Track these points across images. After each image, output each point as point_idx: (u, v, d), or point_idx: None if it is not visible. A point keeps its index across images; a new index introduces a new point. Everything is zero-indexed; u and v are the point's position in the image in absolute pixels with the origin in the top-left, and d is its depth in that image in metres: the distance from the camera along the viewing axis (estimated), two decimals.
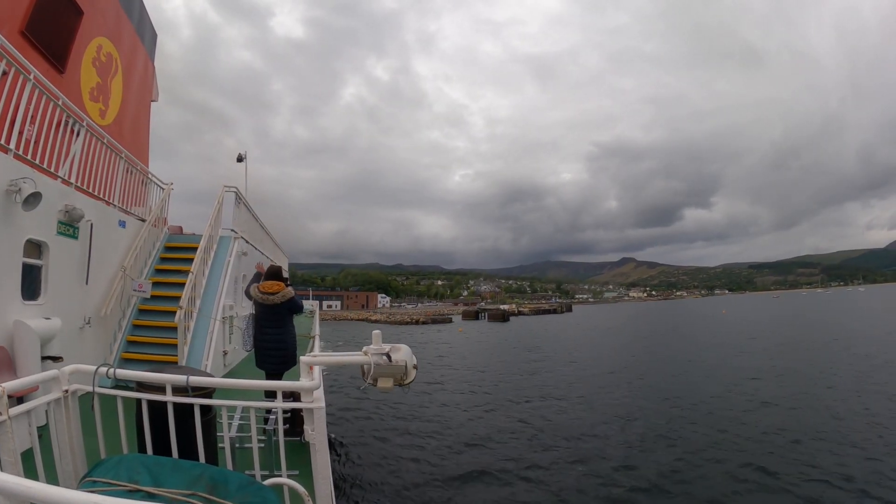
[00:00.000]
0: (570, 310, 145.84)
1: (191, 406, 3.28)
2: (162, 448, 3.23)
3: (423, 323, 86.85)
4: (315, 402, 3.44)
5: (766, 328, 51.64)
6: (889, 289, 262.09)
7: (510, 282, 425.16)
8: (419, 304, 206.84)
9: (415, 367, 3.71)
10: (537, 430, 14.72)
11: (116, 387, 3.40)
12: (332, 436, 12.86)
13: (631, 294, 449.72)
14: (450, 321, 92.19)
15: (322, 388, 3.77)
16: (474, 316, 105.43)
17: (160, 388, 3.29)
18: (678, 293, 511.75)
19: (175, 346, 8.12)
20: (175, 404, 3.23)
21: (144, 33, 14.13)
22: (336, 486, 5.22)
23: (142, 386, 3.38)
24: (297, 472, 3.95)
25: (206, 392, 3.49)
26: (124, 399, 3.36)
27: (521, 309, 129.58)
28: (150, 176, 11.30)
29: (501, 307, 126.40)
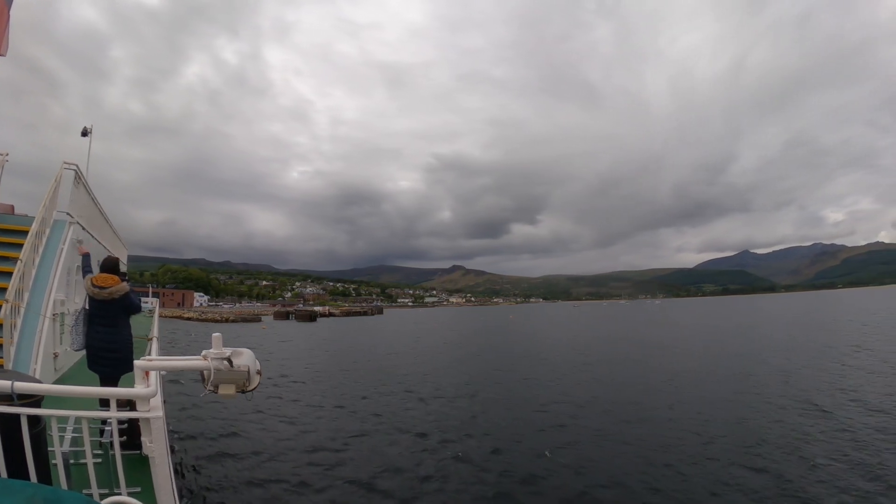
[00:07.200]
0: (381, 312, 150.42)
1: (17, 417, 2.71)
2: None
3: (233, 322, 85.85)
4: (152, 410, 3.08)
5: (524, 330, 61.88)
6: (685, 301, 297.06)
7: (339, 285, 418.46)
8: (238, 304, 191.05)
9: (258, 372, 3.35)
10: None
11: None
12: (177, 446, 11.48)
13: (451, 300, 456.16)
14: (259, 320, 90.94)
15: (160, 395, 3.39)
16: (285, 316, 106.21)
17: None
18: (495, 300, 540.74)
19: (0, 346, 6.63)
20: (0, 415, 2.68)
21: None
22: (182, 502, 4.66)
23: None
24: (138, 489, 3.58)
25: (34, 400, 2.91)
26: None
27: (332, 311, 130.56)
28: None
29: (315, 308, 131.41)
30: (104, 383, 5.29)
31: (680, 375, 21.33)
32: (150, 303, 28.28)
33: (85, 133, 14.28)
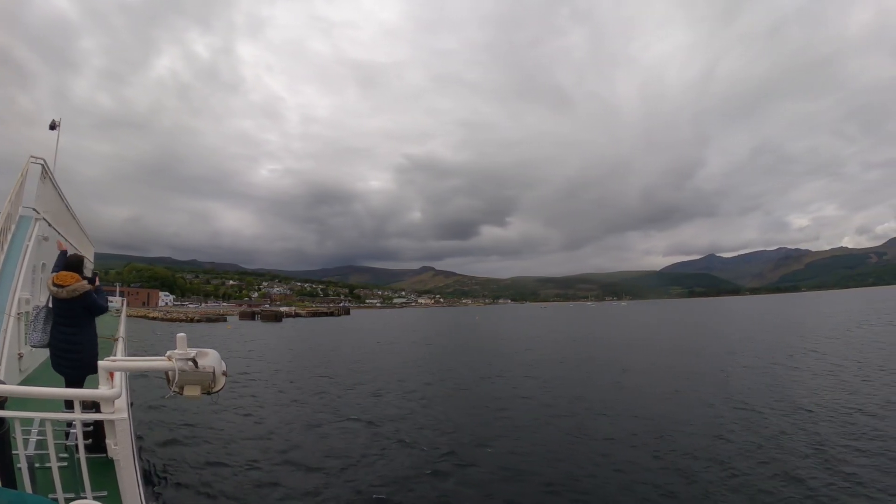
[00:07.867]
0: (347, 313, 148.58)
1: None
2: None
3: (198, 321, 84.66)
4: (117, 412, 3.05)
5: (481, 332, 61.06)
6: (651, 303, 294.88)
7: (307, 285, 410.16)
8: (203, 304, 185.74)
9: (224, 373, 3.33)
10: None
11: None
12: (142, 448, 11.10)
13: (420, 301, 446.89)
14: (224, 320, 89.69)
15: (125, 396, 3.34)
16: (251, 316, 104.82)
17: None
18: (464, 301, 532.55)
19: None
20: None
21: None
22: None
23: None
24: (104, 493, 3.49)
25: None
26: None
27: (298, 311, 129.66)
28: None
29: (281, 308, 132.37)
30: (69, 385, 5.07)
31: (630, 372, 22.43)
32: (115, 302, 27.43)
33: (53, 126, 13.72)
